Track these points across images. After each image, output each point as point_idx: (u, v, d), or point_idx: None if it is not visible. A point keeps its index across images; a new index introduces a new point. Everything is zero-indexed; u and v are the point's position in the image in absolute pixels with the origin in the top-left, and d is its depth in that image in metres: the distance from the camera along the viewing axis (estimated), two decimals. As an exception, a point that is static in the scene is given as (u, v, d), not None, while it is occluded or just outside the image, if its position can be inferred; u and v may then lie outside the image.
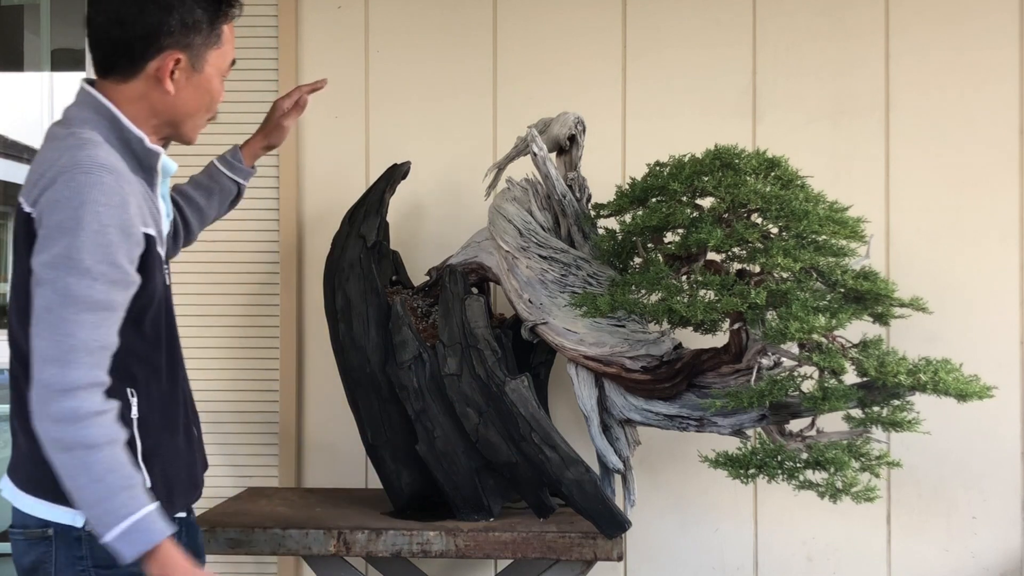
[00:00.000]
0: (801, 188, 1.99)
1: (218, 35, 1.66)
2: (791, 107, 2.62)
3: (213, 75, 1.67)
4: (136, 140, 1.60)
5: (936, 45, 2.59)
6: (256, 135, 2.12)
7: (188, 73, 1.63)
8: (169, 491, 1.63)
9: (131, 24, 1.59)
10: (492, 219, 2.23)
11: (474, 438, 2.15)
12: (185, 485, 1.70)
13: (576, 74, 2.66)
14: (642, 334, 2.08)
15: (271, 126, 2.11)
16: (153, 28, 1.59)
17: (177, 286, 2.66)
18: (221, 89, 1.70)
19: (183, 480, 1.69)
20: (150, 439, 1.61)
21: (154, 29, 1.59)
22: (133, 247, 1.52)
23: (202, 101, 1.67)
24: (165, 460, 1.64)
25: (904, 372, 1.80)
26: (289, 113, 2.10)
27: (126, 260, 1.51)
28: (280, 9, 2.69)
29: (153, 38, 1.59)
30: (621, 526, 2.06)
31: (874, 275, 1.95)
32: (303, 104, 2.11)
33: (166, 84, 1.61)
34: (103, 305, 1.49)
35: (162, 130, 1.66)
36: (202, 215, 2.04)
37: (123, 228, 1.50)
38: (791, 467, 1.89)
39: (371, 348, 2.22)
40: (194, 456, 1.75)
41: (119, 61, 1.61)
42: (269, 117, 2.11)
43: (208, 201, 2.04)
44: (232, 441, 2.71)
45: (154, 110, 1.63)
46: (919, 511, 2.59)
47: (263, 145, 2.11)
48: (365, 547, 2.11)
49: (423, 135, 2.67)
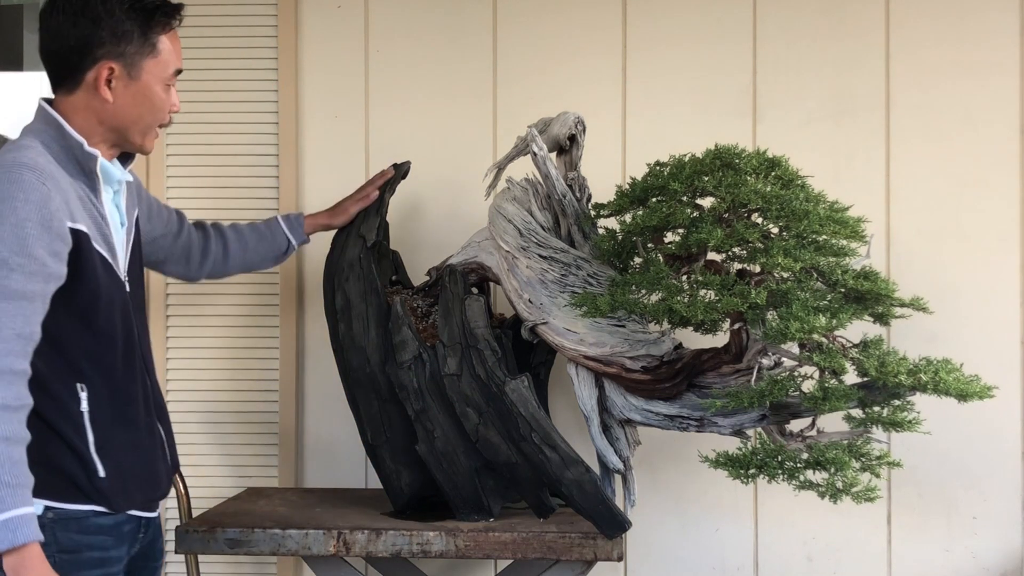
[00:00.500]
0: (801, 188, 1.98)
1: (153, 44, 1.75)
2: (791, 106, 2.62)
3: (152, 83, 1.76)
4: (77, 145, 1.71)
5: (937, 43, 2.59)
6: (323, 212, 2.34)
7: (125, 81, 1.73)
8: (125, 482, 1.73)
9: (65, 37, 1.71)
10: (492, 219, 2.23)
11: (474, 438, 2.15)
12: (144, 479, 1.78)
13: (576, 73, 2.66)
14: (642, 334, 2.08)
15: (338, 206, 2.33)
16: (85, 40, 1.70)
17: (177, 286, 2.69)
18: (167, 98, 1.80)
19: (142, 474, 1.77)
20: (101, 432, 1.70)
21: (86, 41, 1.70)
22: (54, 240, 1.60)
23: (143, 108, 1.77)
24: (119, 453, 1.72)
25: (904, 372, 1.80)
26: (356, 200, 2.31)
27: (46, 252, 1.59)
28: (280, 9, 2.69)
29: (86, 49, 1.71)
30: (621, 526, 2.06)
31: (874, 275, 1.95)
32: (371, 194, 2.31)
33: (103, 92, 1.72)
34: (19, 295, 1.57)
35: (110, 137, 1.77)
36: (246, 252, 2.26)
37: (42, 222, 1.59)
38: (791, 467, 1.89)
39: (371, 348, 2.22)
40: (156, 453, 1.82)
41: (61, 73, 1.74)
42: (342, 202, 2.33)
43: (258, 243, 2.27)
44: (232, 441, 2.71)
45: (99, 119, 1.74)
46: (919, 511, 2.59)
47: (325, 222, 2.32)
48: (365, 547, 2.11)
49: (423, 135, 2.67)
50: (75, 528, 1.69)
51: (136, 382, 1.79)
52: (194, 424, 2.69)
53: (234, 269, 2.28)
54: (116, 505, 1.72)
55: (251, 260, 2.29)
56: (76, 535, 1.69)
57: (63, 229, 1.62)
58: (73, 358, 1.69)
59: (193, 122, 2.67)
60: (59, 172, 1.67)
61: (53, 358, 1.67)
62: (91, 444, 1.69)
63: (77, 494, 1.69)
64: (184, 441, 2.68)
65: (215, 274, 2.27)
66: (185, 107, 2.63)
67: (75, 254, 1.65)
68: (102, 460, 1.70)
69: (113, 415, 1.73)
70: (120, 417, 1.74)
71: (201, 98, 2.67)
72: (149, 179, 2.67)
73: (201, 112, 2.68)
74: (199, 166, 2.71)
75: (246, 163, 2.70)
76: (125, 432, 1.74)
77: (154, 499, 1.83)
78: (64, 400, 1.68)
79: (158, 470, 1.82)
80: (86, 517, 1.70)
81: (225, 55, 2.69)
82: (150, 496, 1.81)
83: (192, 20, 2.70)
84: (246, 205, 2.67)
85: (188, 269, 2.22)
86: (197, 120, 2.67)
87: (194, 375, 2.71)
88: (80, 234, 1.65)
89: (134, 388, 1.78)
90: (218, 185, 2.70)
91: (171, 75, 1.79)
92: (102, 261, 1.71)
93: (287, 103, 2.69)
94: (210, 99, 2.69)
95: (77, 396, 1.69)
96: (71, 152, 1.71)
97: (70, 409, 1.68)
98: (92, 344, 1.71)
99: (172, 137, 2.69)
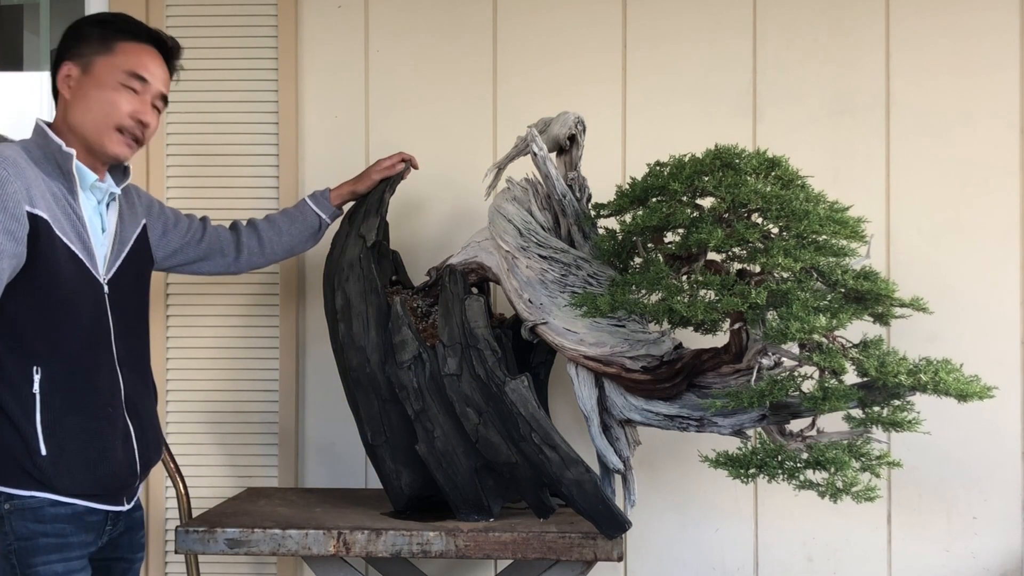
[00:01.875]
0: (801, 188, 1.98)
1: (109, 46, 1.86)
2: (791, 105, 2.62)
3: (102, 76, 1.86)
4: (55, 147, 1.82)
5: (937, 43, 2.59)
6: (347, 181, 2.37)
7: (79, 79, 1.86)
8: (68, 465, 1.77)
9: (56, 50, 1.89)
10: (492, 219, 2.23)
11: (474, 438, 2.15)
12: (92, 464, 1.81)
13: (576, 73, 2.66)
14: (642, 334, 2.08)
15: (363, 173, 2.37)
16: (59, 50, 1.88)
17: (178, 286, 2.69)
18: (120, 97, 1.87)
19: (90, 459, 1.80)
20: (50, 415, 1.76)
21: (60, 50, 1.88)
22: (9, 220, 1.69)
23: (91, 102, 1.85)
24: (66, 436, 1.77)
25: (904, 372, 1.80)
26: (383, 169, 2.34)
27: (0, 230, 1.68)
28: (280, 9, 2.69)
29: (59, 59, 1.88)
30: (621, 526, 2.06)
31: (874, 275, 1.95)
32: (399, 167, 2.36)
33: (63, 91, 1.87)
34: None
35: (78, 144, 1.86)
36: (281, 236, 2.32)
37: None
38: (791, 467, 1.89)
39: (371, 348, 2.22)
40: (114, 443, 1.85)
41: (53, 88, 1.90)
42: (367, 168, 2.38)
43: (291, 226, 2.33)
44: (232, 441, 2.71)
45: (68, 124, 1.86)
46: (919, 511, 2.59)
47: (351, 189, 2.36)
48: (365, 547, 2.11)
49: (423, 135, 2.67)
50: (31, 517, 1.75)
51: (101, 374, 1.84)
52: (194, 424, 2.70)
53: (274, 256, 2.34)
54: (59, 487, 1.77)
55: (288, 243, 2.34)
56: (31, 524, 1.75)
57: (19, 211, 1.70)
58: (29, 340, 1.75)
59: (193, 122, 2.67)
60: (31, 168, 1.77)
61: (9, 339, 1.74)
62: (38, 424, 1.74)
63: (24, 477, 1.74)
64: (184, 441, 2.70)
65: (256, 264, 2.34)
66: (185, 107, 2.67)
67: (33, 237, 1.72)
68: (46, 441, 1.75)
69: (66, 400, 1.78)
70: (74, 403, 1.79)
71: (201, 98, 2.68)
72: (149, 179, 2.68)
73: (201, 112, 2.68)
74: (199, 166, 2.71)
75: (246, 163, 2.71)
76: (77, 418, 1.79)
77: (111, 490, 1.86)
78: (17, 381, 1.74)
79: (113, 460, 1.84)
80: (41, 507, 1.76)
81: (225, 55, 2.70)
82: (105, 485, 1.84)
83: (192, 20, 2.72)
84: (246, 205, 2.67)
85: (225, 265, 2.30)
86: (197, 120, 2.68)
87: (194, 375, 2.71)
88: (39, 219, 1.73)
89: (97, 379, 1.83)
90: (218, 185, 2.70)
91: (126, 75, 1.86)
92: (69, 253, 1.78)
93: (287, 103, 2.69)
94: (210, 99, 2.69)
95: (31, 378, 1.74)
96: (51, 155, 1.82)
97: (22, 390, 1.74)
98: (50, 329, 1.77)
99: (172, 137, 2.69)
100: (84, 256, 1.82)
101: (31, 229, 1.72)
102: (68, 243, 1.79)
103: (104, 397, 1.84)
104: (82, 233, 1.83)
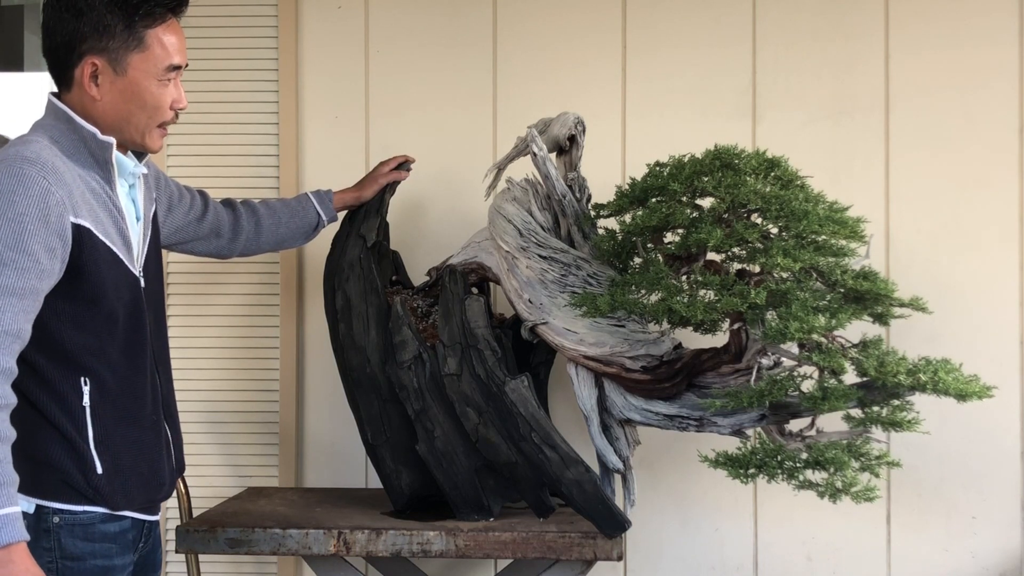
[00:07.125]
0: (801, 188, 1.99)
1: (139, 39, 1.69)
2: (791, 107, 2.62)
3: (141, 79, 1.70)
4: (90, 135, 1.68)
5: (936, 44, 2.59)
6: (350, 188, 2.35)
7: (111, 77, 1.69)
8: (124, 481, 1.70)
9: (53, 33, 1.69)
10: (492, 219, 2.23)
11: (474, 438, 2.16)
12: (145, 479, 1.75)
13: (576, 74, 2.66)
14: (642, 334, 2.08)
15: (366, 178, 2.35)
16: (69, 35, 1.67)
17: (178, 286, 2.69)
18: (162, 94, 1.73)
19: (142, 473, 1.74)
20: (102, 428, 1.68)
21: (70, 36, 1.67)
22: (51, 236, 1.57)
23: (133, 105, 1.71)
24: (119, 450, 1.70)
25: (904, 372, 1.80)
26: (387, 172, 2.33)
27: (41, 248, 1.56)
28: (280, 9, 2.69)
29: (71, 46, 1.68)
30: (621, 526, 2.06)
31: (874, 275, 1.95)
32: (404, 175, 2.36)
33: (89, 90, 1.69)
34: (10, 291, 1.53)
35: (111, 135, 1.72)
36: (279, 227, 2.25)
37: (42, 217, 1.56)
38: (791, 467, 1.90)
39: (371, 348, 2.22)
40: (160, 453, 1.79)
41: (55, 71, 1.72)
42: (369, 174, 2.36)
43: (290, 219, 2.27)
44: (232, 441, 2.71)
45: (92, 117, 1.70)
46: (919, 511, 2.59)
47: (354, 195, 2.34)
48: (365, 547, 2.11)
49: (423, 135, 2.67)
50: (80, 535, 1.67)
51: (144, 379, 1.76)
52: (194, 424, 2.70)
53: (267, 246, 2.27)
54: (115, 504, 1.70)
55: (283, 236, 2.27)
56: (82, 542, 1.67)
57: (62, 225, 1.59)
58: (76, 353, 1.66)
59: (194, 122, 2.67)
60: (67, 166, 1.64)
61: (56, 353, 1.65)
62: (91, 439, 1.66)
63: (75, 494, 1.67)
64: (185, 440, 2.69)
65: (248, 251, 2.26)
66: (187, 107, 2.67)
67: (76, 249, 1.62)
68: (100, 456, 1.67)
69: (117, 411, 1.70)
70: (124, 414, 1.71)
71: (202, 99, 2.67)
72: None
73: (202, 112, 2.68)
74: (199, 166, 2.71)
75: (246, 164, 2.71)
76: (128, 429, 1.72)
77: (155, 500, 1.81)
78: (67, 395, 1.65)
79: (161, 470, 1.79)
80: (92, 524, 1.68)
81: (225, 56, 2.70)
82: (151, 497, 1.79)
83: (193, 21, 2.71)
84: (246, 205, 2.67)
85: (219, 247, 2.20)
86: (198, 120, 2.67)
87: (194, 374, 2.71)
88: (82, 229, 1.62)
89: (141, 385, 1.75)
90: (218, 186, 2.69)
91: (164, 70, 1.72)
92: (111, 256, 1.68)
93: (287, 104, 2.69)
94: (211, 99, 2.69)
95: (80, 391, 1.66)
96: (84, 143, 1.68)
97: (72, 404, 1.65)
98: (95, 339, 1.68)
99: (173, 137, 2.69)
100: (123, 254, 1.71)
101: (74, 240, 1.61)
102: (111, 245, 1.68)
103: (148, 404, 1.77)
104: (122, 227, 1.72)
